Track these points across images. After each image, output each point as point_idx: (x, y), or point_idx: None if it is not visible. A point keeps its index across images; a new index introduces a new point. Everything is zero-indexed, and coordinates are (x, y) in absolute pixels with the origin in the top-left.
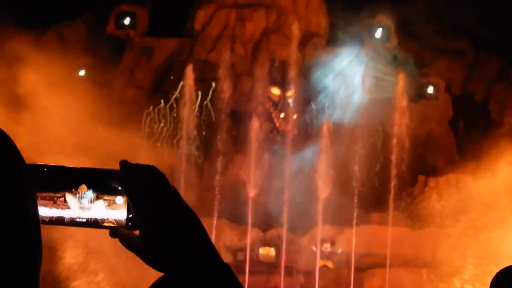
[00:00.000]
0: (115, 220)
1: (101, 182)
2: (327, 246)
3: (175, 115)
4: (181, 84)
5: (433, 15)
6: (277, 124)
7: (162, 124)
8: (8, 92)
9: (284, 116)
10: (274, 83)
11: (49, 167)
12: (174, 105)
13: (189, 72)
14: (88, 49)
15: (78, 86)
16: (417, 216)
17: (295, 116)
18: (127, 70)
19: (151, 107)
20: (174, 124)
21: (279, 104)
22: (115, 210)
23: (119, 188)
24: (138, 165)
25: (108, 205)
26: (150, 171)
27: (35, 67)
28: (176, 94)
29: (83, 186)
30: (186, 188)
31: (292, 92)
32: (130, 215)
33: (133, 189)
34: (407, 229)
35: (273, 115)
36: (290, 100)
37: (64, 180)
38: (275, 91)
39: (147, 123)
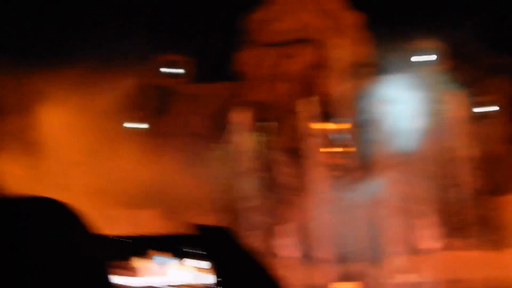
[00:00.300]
0: (203, 285)
1: (180, 248)
2: (404, 276)
3: (230, 156)
4: (231, 126)
5: (482, 34)
6: (331, 159)
7: (219, 166)
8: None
9: (339, 149)
10: (324, 117)
11: (121, 236)
12: (229, 147)
13: (239, 114)
14: (139, 100)
15: (131, 136)
16: (498, 238)
17: (350, 149)
18: (178, 118)
19: (206, 151)
20: (230, 165)
21: (331, 138)
22: (200, 274)
23: (200, 252)
24: (213, 227)
25: (191, 270)
26: (226, 232)
27: (87, 118)
28: (228, 136)
29: (161, 253)
30: (249, 228)
31: (344, 125)
32: (219, 279)
33: (217, 253)
34: (485, 252)
35: (325, 150)
36: (343, 133)
37: (139, 248)
38: (325, 125)
39: (205, 167)
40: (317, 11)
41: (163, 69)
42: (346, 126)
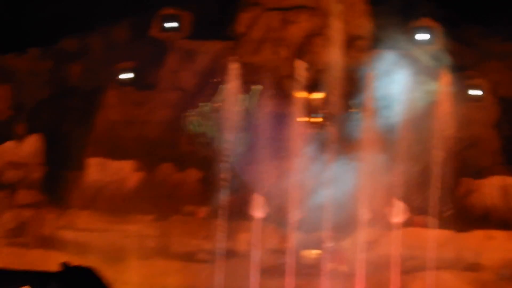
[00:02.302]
0: None
1: (46, 285)
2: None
3: (218, 117)
4: (224, 86)
5: (477, 18)
6: (316, 127)
7: (205, 126)
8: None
9: (325, 119)
10: (316, 85)
11: None
12: (218, 107)
13: (233, 74)
14: (132, 52)
15: (121, 88)
16: (460, 219)
17: (335, 119)
18: (171, 73)
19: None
20: (217, 126)
21: (320, 106)
22: None
23: None
24: (76, 267)
25: None
26: (87, 273)
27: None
28: (219, 96)
29: None
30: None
31: (334, 94)
32: None
33: None
34: (451, 232)
35: (312, 118)
36: (331, 103)
37: (7, 284)
38: (317, 94)
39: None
40: None
41: (160, 22)
42: (333, 95)
